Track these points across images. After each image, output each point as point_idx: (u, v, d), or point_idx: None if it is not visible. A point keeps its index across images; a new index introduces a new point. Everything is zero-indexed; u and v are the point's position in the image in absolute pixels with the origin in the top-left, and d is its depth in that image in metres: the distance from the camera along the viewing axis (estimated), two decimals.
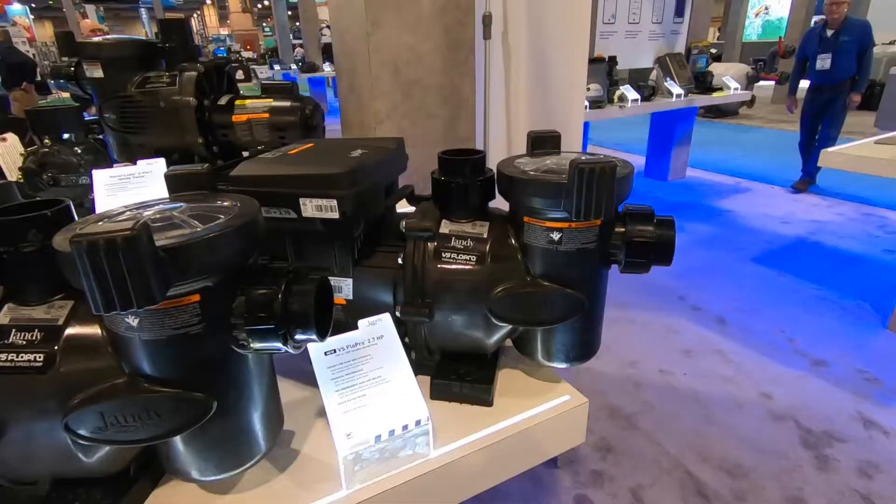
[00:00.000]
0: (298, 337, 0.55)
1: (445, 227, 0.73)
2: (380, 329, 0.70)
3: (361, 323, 0.70)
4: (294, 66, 10.27)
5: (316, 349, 0.66)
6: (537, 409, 0.74)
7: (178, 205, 0.57)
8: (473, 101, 1.45)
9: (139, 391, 0.51)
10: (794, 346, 2.45)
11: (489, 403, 0.74)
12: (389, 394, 0.66)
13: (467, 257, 0.71)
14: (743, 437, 1.93)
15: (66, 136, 1.18)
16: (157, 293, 0.43)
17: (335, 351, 0.67)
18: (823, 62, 4.25)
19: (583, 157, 0.61)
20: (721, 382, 2.19)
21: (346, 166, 0.66)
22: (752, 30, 14.28)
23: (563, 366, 0.76)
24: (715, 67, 5.00)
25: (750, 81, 5.12)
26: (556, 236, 0.67)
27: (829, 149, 2.49)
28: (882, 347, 2.41)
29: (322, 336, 0.57)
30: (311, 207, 0.67)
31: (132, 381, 0.52)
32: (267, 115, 1.24)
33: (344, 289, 0.76)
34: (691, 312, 2.65)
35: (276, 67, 10.38)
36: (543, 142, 0.77)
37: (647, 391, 2.11)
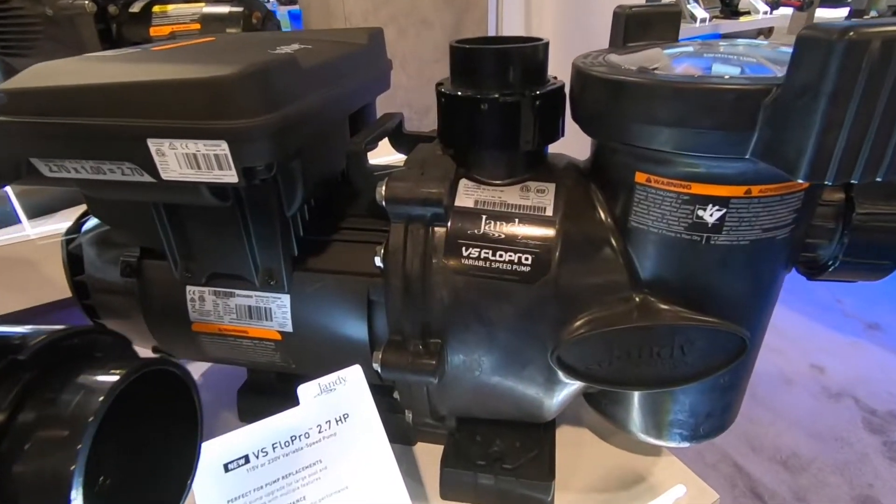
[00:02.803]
0: None
1: (468, 195, 0.37)
2: (342, 402, 0.35)
3: (305, 392, 0.35)
4: None
5: (209, 460, 0.31)
6: None
7: None
8: (485, 2, 1.05)
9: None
10: (842, 307, 2.15)
11: None
12: None
13: (514, 256, 0.35)
14: (796, 420, 1.65)
15: None
16: None
17: (246, 460, 0.32)
18: None
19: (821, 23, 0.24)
20: (765, 353, 1.90)
21: (248, 66, 0.29)
22: None
23: (678, 445, 0.42)
24: None
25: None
26: (712, 215, 0.31)
27: None
28: None
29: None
30: (175, 161, 0.30)
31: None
32: (198, 25, 0.92)
33: (274, 313, 0.40)
34: None
35: None
36: (647, 24, 0.39)
37: None
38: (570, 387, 0.39)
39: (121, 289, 0.43)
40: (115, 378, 0.19)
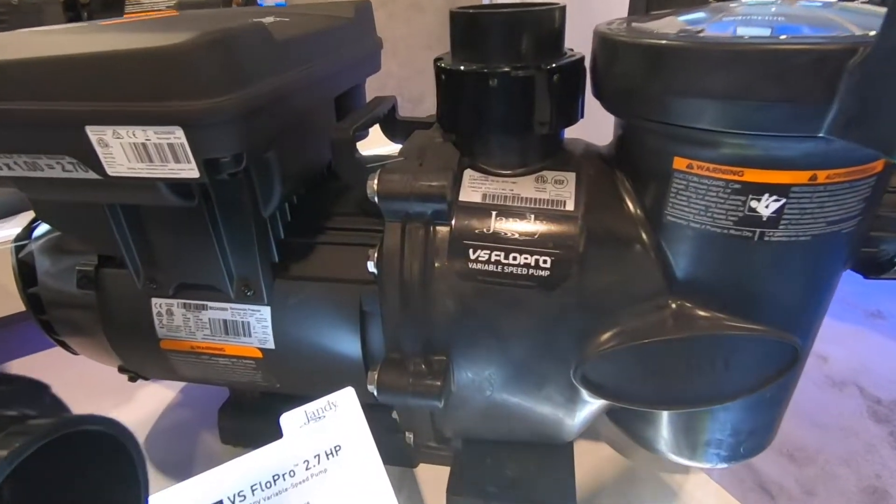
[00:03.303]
0: None
1: (474, 188, 0.32)
2: (333, 432, 0.30)
3: (289, 421, 0.30)
4: None
5: None
6: None
7: None
8: None
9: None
10: (842, 295, 2.12)
11: None
12: None
13: (530, 258, 0.30)
14: (801, 410, 1.61)
15: None
16: None
17: None
18: None
19: None
20: None
21: (206, 33, 0.24)
22: None
23: (714, 466, 0.37)
24: None
25: None
26: (768, 206, 0.26)
27: None
28: None
29: None
30: (122, 153, 0.25)
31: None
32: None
33: (253, 328, 0.35)
34: None
35: None
36: None
37: None
38: (594, 405, 0.34)
39: (78, 302, 0.38)
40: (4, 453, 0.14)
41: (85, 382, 0.52)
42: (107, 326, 0.38)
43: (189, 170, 0.25)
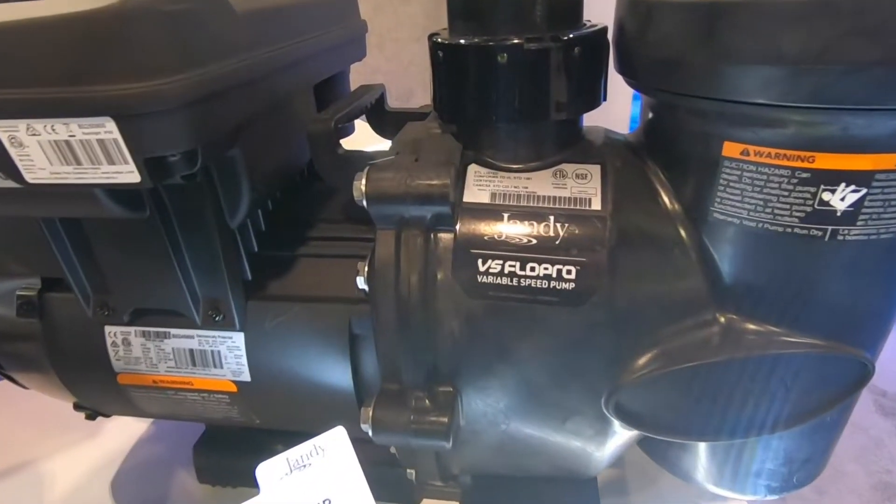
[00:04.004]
0: None
1: (481, 187, 0.27)
2: (321, 482, 0.25)
3: (267, 473, 0.25)
4: None
5: None
6: None
7: None
8: None
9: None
10: None
11: None
12: None
13: (551, 268, 0.25)
14: None
15: None
16: None
17: None
18: None
19: None
20: None
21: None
22: None
23: (762, 498, 0.32)
24: None
25: None
26: (844, 199, 0.21)
27: None
28: None
29: None
30: (41, 154, 0.20)
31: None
32: None
33: (225, 358, 0.30)
34: None
35: None
36: None
37: None
38: (626, 435, 0.30)
39: (21, 332, 0.33)
40: None
41: (48, 413, 0.47)
42: (54, 360, 0.32)
43: (128, 173, 0.20)
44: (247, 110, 0.24)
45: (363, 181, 0.25)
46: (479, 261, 0.26)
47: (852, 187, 0.21)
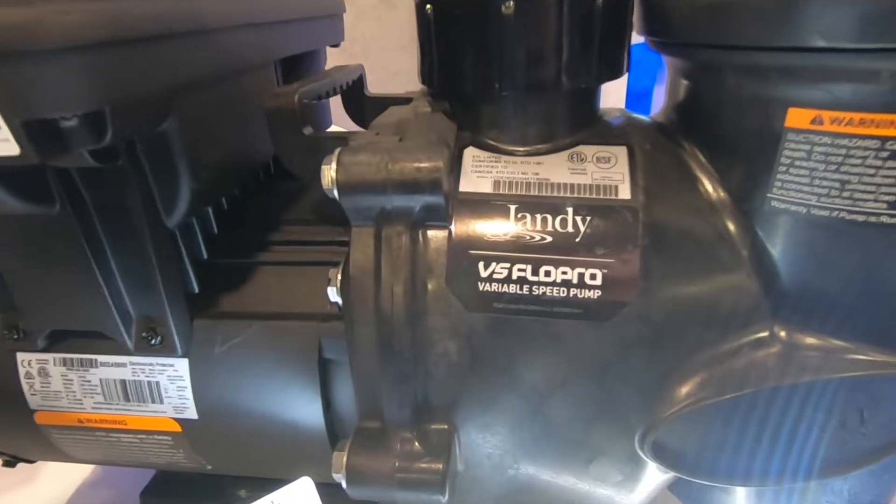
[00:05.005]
0: None
1: (481, 173, 0.22)
2: None
3: None
4: None
5: None
6: None
7: None
8: None
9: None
10: None
11: None
12: None
13: (570, 274, 0.20)
14: None
15: None
16: None
17: None
18: None
19: None
20: None
21: None
22: None
23: None
24: None
25: None
26: None
27: None
28: None
29: None
30: None
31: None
32: None
33: (166, 390, 0.24)
34: None
35: None
36: None
37: None
38: (660, 479, 0.24)
39: None
40: None
41: None
42: None
43: (2, 141, 0.14)
44: (183, 71, 0.19)
45: (333, 165, 0.20)
46: (481, 264, 0.20)
47: None
